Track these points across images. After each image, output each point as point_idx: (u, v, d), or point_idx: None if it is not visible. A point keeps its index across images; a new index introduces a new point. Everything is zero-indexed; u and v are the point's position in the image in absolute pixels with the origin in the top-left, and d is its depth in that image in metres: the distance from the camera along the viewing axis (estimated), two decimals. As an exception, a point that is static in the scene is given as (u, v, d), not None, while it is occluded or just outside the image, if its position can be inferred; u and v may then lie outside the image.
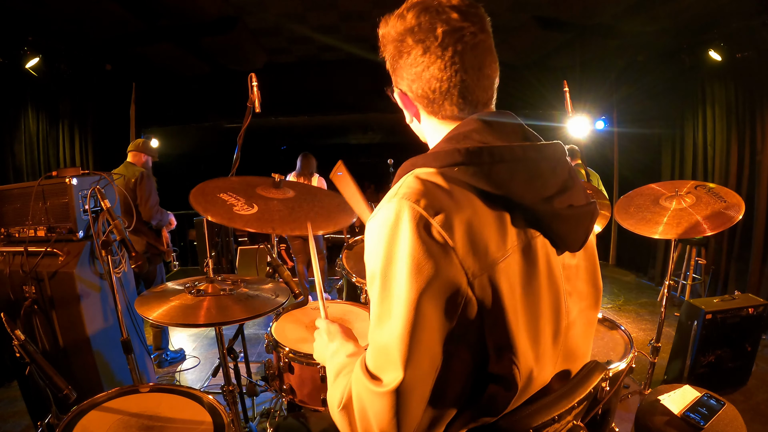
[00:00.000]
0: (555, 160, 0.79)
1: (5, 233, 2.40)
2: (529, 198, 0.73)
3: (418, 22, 0.77)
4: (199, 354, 3.70)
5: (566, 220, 0.77)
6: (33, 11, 3.49)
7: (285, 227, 1.70)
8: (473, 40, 0.77)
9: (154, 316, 1.53)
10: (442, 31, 0.76)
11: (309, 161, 4.84)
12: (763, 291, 3.83)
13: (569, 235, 0.79)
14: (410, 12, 0.78)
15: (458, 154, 0.72)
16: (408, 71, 0.81)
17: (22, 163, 4.24)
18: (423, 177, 0.72)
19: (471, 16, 0.77)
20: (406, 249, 0.66)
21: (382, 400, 0.67)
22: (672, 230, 2.37)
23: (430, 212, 0.67)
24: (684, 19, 3.97)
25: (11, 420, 2.67)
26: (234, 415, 1.88)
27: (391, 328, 0.67)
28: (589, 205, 0.82)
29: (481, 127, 0.77)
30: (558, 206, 0.75)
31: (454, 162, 0.72)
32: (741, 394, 2.82)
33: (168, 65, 5.24)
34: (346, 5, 4.02)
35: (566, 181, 0.79)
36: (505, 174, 0.71)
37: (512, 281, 0.71)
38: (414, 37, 0.78)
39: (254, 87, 1.92)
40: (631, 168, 5.96)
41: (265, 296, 1.73)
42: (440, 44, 0.76)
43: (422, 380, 0.67)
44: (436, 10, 0.77)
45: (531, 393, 0.79)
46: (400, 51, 0.80)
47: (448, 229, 0.66)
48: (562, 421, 0.81)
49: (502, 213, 0.72)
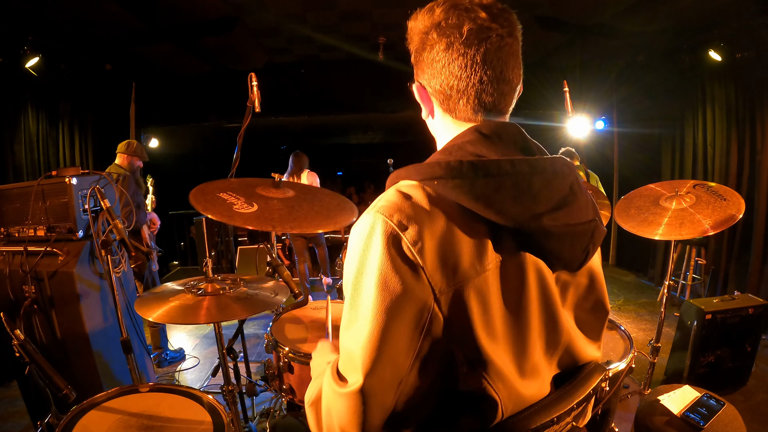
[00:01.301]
0: (552, 174, 0.76)
1: (5, 233, 2.40)
2: (516, 214, 0.70)
3: (446, 17, 0.76)
4: (199, 354, 3.70)
5: (559, 237, 0.74)
6: (33, 11, 3.49)
7: (285, 225, 1.70)
8: (499, 42, 0.76)
9: (154, 317, 1.53)
10: (468, 29, 0.75)
11: (299, 159, 4.85)
12: (762, 291, 3.83)
13: (563, 253, 0.77)
14: (439, 7, 0.78)
15: (438, 168, 0.72)
16: (429, 65, 0.80)
17: (22, 162, 4.24)
18: (403, 190, 0.72)
19: (500, 19, 0.76)
20: (376, 262, 0.68)
21: (343, 401, 0.69)
22: (673, 231, 2.37)
23: (401, 227, 0.67)
24: (684, 19, 3.97)
25: (11, 420, 2.67)
26: (234, 415, 1.88)
27: (355, 335, 0.69)
28: (590, 222, 0.79)
29: (477, 139, 0.77)
30: (548, 223, 0.72)
31: (434, 176, 0.72)
32: (741, 394, 2.82)
33: (168, 65, 5.24)
34: (346, 5, 4.02)
35: (566, 196, 0.76)
36: (489, 189, 0.70)
37: (487, 298, 0.70)
38: (439, 32, 0.77)
39: (254, 87, 1.92)
40: (631, 168, 5.96)
41: (264, 295, 1.73)
42: (464, 42, 0.75)
43: (383, 389, 0.68)
44: (466, 8, 0.76)
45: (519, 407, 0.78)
46: (424, 44, 0.80)
47: (418, 245, 0.67)
48: (561, 422, 0.80)
49: (483, 229, 0.71)
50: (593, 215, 0.80)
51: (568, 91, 2.66)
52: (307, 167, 4.89)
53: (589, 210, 0.80)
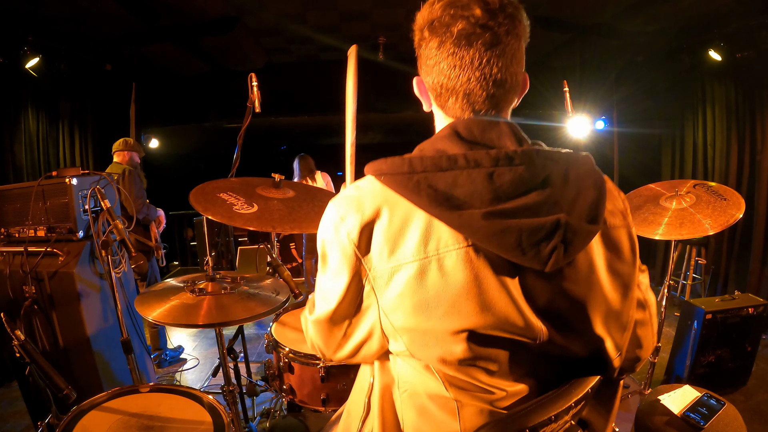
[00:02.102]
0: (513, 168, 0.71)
1: (5, 233, 2.40)
2: (455, 210, 0.70)
3: (441, 15, 0.76)
4: (199, 354, 3.70)
5: (503, 234, 0.70)
6: (33, 11, 3.49)
7: (285, 226, 1.70)
8: (493, 40, 0.75)
9: (154, 316, 1.53)
10: (459, 29, 0.74)
11: (307, 162, 4.84)
12: (763, 291, 3.84)
13: (512, 251, 0.71)
14: (438, 3, 0.77)
15: (384, 164, 0.78)
16: (424, 61, 0.81)
17: (22, 163, 4.24)
18: (359, 183, 0.82)
19: (500, 16, 0.75)
20: (324, 241, 0.84)
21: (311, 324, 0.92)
22: (673, 231, 2.37)
23: (343, 215, 0.79)
24: (684, 19, 3.97)
25: (11, 420, 2.67)
26: (234, 415, 1.88)
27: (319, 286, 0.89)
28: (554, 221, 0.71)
29: (449, 134, 0.78)
30: (492, 219, 0.69)
31: (381, 171, 0.78)
32: (741, 394, 2.82)
33: (168, 65, 5.24)
34: (346, 5, 4.01)
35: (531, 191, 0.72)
36: (425, 183, 0.72)
37: (426, 286, 0.74)
38: (431, 30, 0.77)
39: (254, 87, 1.93)
40: (631, 168, 5.95)
41: (265, 295, 1.74)
42: (454, 41, 0.75)
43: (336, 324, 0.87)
44: (463, 5, 0.75)
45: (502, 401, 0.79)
46: (420, 40, 0.81)
47: (351, 233, 0.78)
48: (559, 420, 0.80)
49: (423, 221, 0.74)
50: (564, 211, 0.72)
51: (568, 91, 2.66)
52: (316, 168, 4.88)
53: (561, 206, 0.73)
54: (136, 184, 3.46)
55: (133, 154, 3.62)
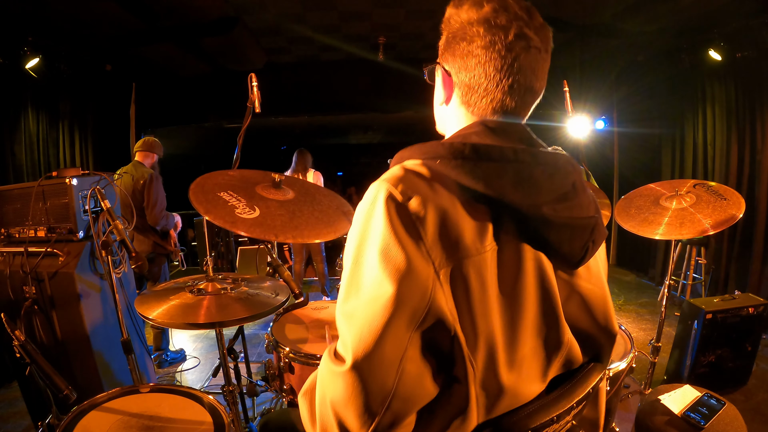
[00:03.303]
0: (554, 168, 0.77)
1: (5, 233, 2.40)
2: (516, 200, 0.71)
3: (495, 16, 0.76)
4: (200, 354, 3.70)
5: (558, 228, 0.75)
6: (33, 11, 3.49)
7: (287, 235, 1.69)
8: (537, 55, 0.78)
9: (154, 316, 1.53)
10: (515, 34, 0.75)
11: (304, 157, 4.84)
12: (763, 291, 3.83)
13: (561, 245, 0.77)
14: (489, 4, 0.77)
15: (442, 148, 0.73)
16: (463, 57, 0.80)
17: (22, 163, 4.24)
18: (407, 167, 0.73)
19: (541, 34, 0.79)
20: (379, 229, 0.67)
21: (340, 380, 0.66)
22: (673, 230, 2.37)
23: (405, 195, 0.68)
24: (684, 19, 3.97)
25: (12, 420, 2.68)
26: (234, 415, 1.88)
27: (357, 305, 0.68)
28: (591, 218, 0.80)
29: (482, 130, 0.78)
30: (547, 212, 0.73)
31: (437, 155, 0.73)
32: (741, 393, 2.82)
33: (168, 65, 5.24)
34: (346, 5, 4.02)
35: (567, 192, 0.77)
36: (491, 172, 0.71)
37: (485, 279, 0.70)
38: (486, 28, 0.76)
39: (254, 87, 1.92)
40: (631, 168, 5.95)
41: (265, 295, 1.74)
42: (507, 45, 0.75)
43: (385, 366, 0.65)
44: (515, 14, 0.76)
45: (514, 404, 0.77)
46: (465, 34, 0.78)
47: (421, 214, 0.67)
48: (561, 421, 0.80)
49: (483, 210, 0.72)
50: (594, 213, 0.81)
51: (568, 91, 2.66)
52: (311, 166, 4.89)
53: (591, 208, 0.81)
54: (161, 193, 3.42)
55: (155, 155, 3.59)
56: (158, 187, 3.40)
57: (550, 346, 0.80)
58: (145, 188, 3.32)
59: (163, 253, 3.51)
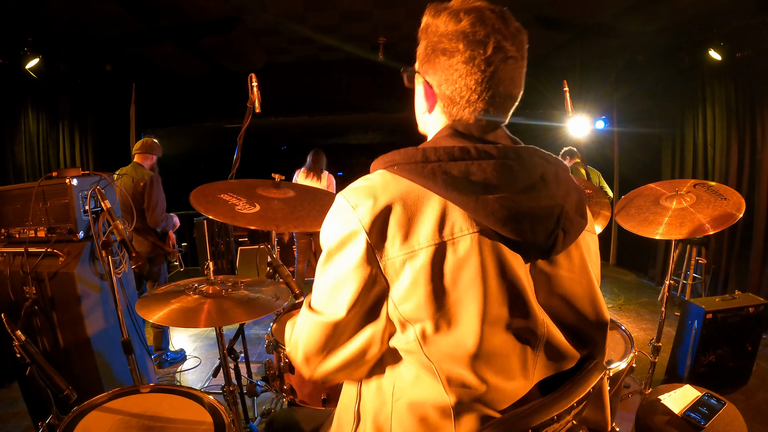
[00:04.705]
0: (518, 162, 0.79)
1: (6, 234, 2.40)
2: (467, 193, 0.74)
3: (473, 31, 0.78)
4: (200, 354, 3.70)
5: (513, 218, 0.75)
6: (33, 11, 3.49)
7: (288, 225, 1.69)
8: (514, 65, 0.81)
9: (155, 319, 1.53)
10: (493, 48, 0.78)
11: (319, 158, 4.83)
12: (763, 290, 3.83)
13: (523, 235, 0.76)
14: (466, 16, 0.79)
15: (398, 155, 0.81)
16: (444, 70, 0.82)
17: (23, 163, 4.24)
18: (369, 177, 0.82)
19: (517, 42, 0.81)
20: (334, 231, 0.80)
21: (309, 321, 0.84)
22: (673, 230, 2.37)
23: (354, 203, 0.78)
24: (684, 19, 3.97)
25: (12, 421, 2.68)
26: (235, 416, 1.88)
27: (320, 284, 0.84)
28: (554, 207, 0.79)
29: (451, 134, 0.83)
30: (498, 204, 0.74)
31: (394, 162, 0.81)
32: (742, 393, 2.82)
33: (168, 65, 5.24)
34: (346, 5, 4.02)
35: (533, 184, 0.79)
36: (439, 171, 0.76)
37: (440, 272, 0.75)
38: (465, 43, 0.78)
39: (254, 87, 1.92)
40: (631, 167, 5.96)
41: (265, 298, 1.73)
42: (486, 60, 0.78)
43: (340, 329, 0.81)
44: (493, 26, 0.79)
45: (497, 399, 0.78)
46: (444, 49, 0.81)
47: (362, 221, 0.76)
48: (562, 420, 0.80)
49: (437, 208, 0.76)
50: (561, 202, 0.80)
51: (568, 91, 2.66)
52: (325, 168, 4.89)
53: (557, 199, 0.81)
54: (161, 195, 3.43)
55: (154, 156, 3.60)
56: (158, 188, 3.41)
57: (523, 338, 0.80)
58: (146, 190, 3.33)
59: (162, 254, 3.52)
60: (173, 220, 3.61)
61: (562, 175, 0.85)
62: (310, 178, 4.78)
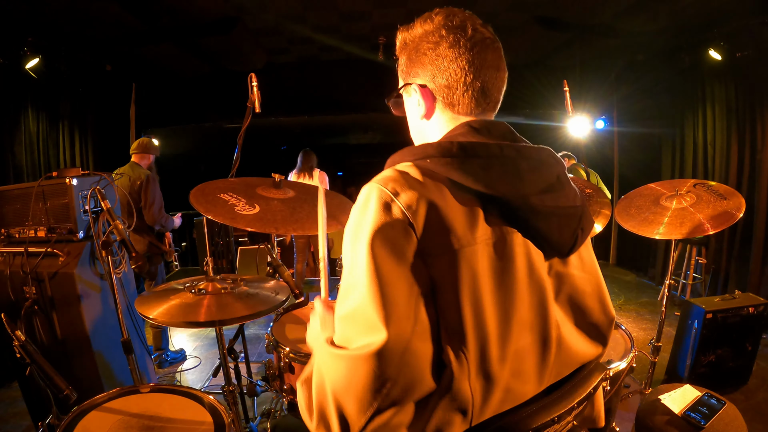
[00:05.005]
0: (538, 161, 0.81)
1: (5, 234, 2.40)
2: (504, 191, 0.75)
3: (450, 20, 0.83)
4: (200, 354, 3.70)
5: (546, 217, 0.78)
6: (33, 11, 3.49)
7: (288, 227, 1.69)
8: (492, 45, 0.84)
9: (154, 315, 1.53)
10: (472, 30, 0.82)
11: (309, 157, 4.86)
12: (763, 290, 3.83)
13: (551, 234, 0.79)
14: (438, 15, 0.84)
15: (431, 148, 0.78)
16: (432, 62, 0.84)
17: (23, 163, 4.24)
18: (398, 168, 0.77)
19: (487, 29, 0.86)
20: (370, 226, 0.69)
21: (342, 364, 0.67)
22: (673, 230, 2.37)
23: (395, 194, 0.71)
24: (684, 19, 3.97)
25: (12, 421, 2.67)
26: (235, 415, 1.88)
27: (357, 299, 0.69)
28: (577, 207, 0.83)
29: (468, 131, 0.82)
30: (535, 202, 0.76)
31: (427, 154, 0.77)
32: (742, 393, 2.82)
33: (168, 65, 5.24)
34: (346, 5, 4.02)
35: (552, 184, 0.81)
36: (478, 167, 0.74)
37: (476, 270, 0.72)
38: (445, 29, 0.82)
39: (254, 87, 1.92)
40: (631, 167, 5.95)
41: (265, 294, 1.74)
42: (469, 39, 0.81)
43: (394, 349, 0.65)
44: (464, 16, 0.84)
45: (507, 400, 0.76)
46: (427, 44, 0.84)
47: (411, 209, 0.70)
48: (562, 421, 0.80)
49: (474, 204, 0.75)
50: (580, 202, 0.85)
51: (568, 91, 2.67)
52: (317, 166, 4.90)
53: (576, 199, 0.85)
54: (158, 193, 3.44)
55: (151, 156, 3.61)
56: (155, 187, 3.42)
57: (542, 340, 0.79)
58: (142, 188, 3.34)
59: (158, 253, 3.52)
60: (174, 222, 3.61)
61: (567, 175, 0.88)
62: (302, 178, 4.80)
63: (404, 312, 0.67)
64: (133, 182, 3.36)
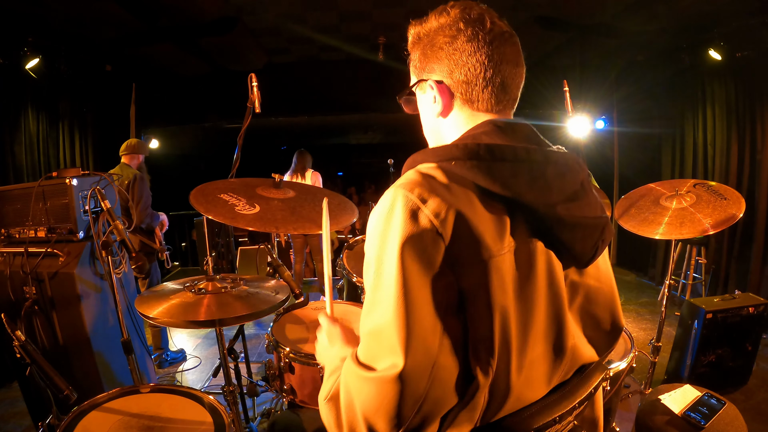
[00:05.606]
0: (565, 167, 0.78)
1: (6, 234, 2.40)
2: (531, 199, 0.71)
3: (468, 13, 0.80)
4: (200, 354, 3.70)
5: (572, 227, 0.75)
6: (33, 11, 3.49)
7: (288, 227, 1.69)
8: (511, 40, 0.82)
9: (155, 314, 1.53)
10: (490, 22, 0.79)
11: (303, 157, 4.87)
12: (763, 290, 3.83)
13: (574, 244, 0.77)
14: (454, 8, 0.81)
15: (456, 150, 0.73)
16: (450, 56, 0.80)
17: (23, 163, 4.24)
18: (422, 171, 0.72)
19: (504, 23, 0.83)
20: (397, 235, 0.66)
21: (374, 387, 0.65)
22: (673, 230, 2.37)
23: (422, 200, 0.67)
24: (684, 19, 3.97)
25: (12, 421, 2.68)
26: (235, 416, 1.88)
27: (383, 315, 0.66)
28: (601, 218, 0.80)
29: (492, 130, 0.78)
30: (562, 212, 0.73)
31: (452, 156, 0.73)
32: (742, 393, 2.82)
33: (168, 65, 5.24)
34: (346, 5, 4.01)
35: (577, 191, 0.78)
36: (506, 172, 0.71)
37: (504, 280, 0.69)
38: (462, 22, 0.79)
39: (254, 87, 1.92)
40: (631, 167, 5.95)
41: (265, 293, 1.74)
42: (487, 33, 0.79)
43: (419, 373, 0.65)
44: (481, 9, 0.81)
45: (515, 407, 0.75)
46: (444, 38, 0.81)
47: (438, 216, 0.66)
48: (563, 421, 0.80)
49: (500, 211, 0.71)
50: (602, 212, 0.82)
51: (568, 91, 2.66)
52: (310, 166, 4.91)
53: (598, 208, 0.82)
54: (146, 192, 3.46)
55: (140, 156, 3.62)
56: (143, 186, 3.43)
57: (556, 350, 0.78)
58: (130, 187, 3.36)
59: (150, 251, 3.53)
60: (159, 218, 3.62)
61: (590, 181, 0.85)
62: (295, 178, 4.81)
63: (431, 327, 0.66)
64: (121, 182, 3.38)
